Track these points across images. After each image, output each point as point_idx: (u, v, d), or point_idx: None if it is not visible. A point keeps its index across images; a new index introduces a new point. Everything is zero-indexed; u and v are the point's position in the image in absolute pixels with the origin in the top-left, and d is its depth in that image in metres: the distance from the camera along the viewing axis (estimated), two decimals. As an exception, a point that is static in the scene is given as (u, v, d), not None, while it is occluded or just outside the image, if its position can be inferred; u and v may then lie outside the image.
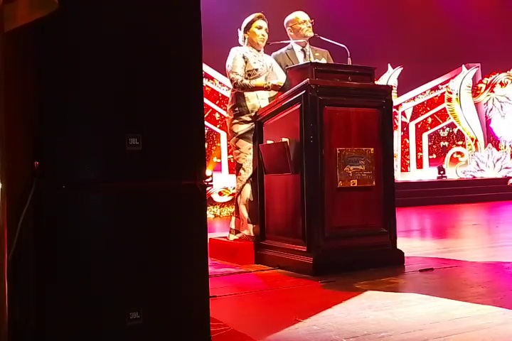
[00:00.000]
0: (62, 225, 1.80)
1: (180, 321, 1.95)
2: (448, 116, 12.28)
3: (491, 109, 12.25)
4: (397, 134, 11.81)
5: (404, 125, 12.11)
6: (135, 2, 1.95)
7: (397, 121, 11.86)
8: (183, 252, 1.98)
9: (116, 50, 1.90)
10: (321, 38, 4.46)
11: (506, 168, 11.57)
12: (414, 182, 11.09)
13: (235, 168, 4.38)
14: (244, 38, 4.35)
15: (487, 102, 12.24)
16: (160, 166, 1.95)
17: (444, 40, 12.36)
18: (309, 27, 4.49)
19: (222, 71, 4.45)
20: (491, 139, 12.27)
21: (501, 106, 12.16)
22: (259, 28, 4.31)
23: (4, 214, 1.57)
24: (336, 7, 11.87)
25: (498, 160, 11.73)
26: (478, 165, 11.81)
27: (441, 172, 11.53)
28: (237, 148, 4.26)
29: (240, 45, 4.39)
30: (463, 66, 12.05)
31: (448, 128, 12.55)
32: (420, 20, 12.57)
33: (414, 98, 12.19)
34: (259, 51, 4.36)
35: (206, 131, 8.92)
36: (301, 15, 4.52)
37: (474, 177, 11.71)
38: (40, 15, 1.63)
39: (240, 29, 4.38)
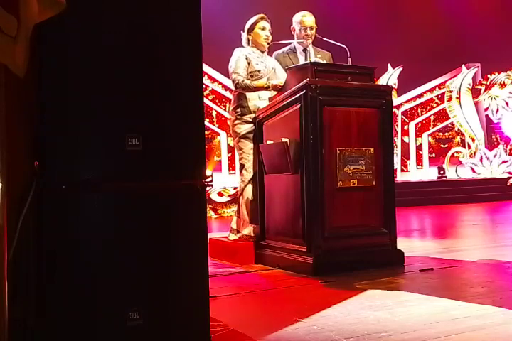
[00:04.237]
0: (62, 225, 1.80)
1: (180, 321, 1.95)
2: (448, 116, 12.27)
3: (487, 109, 12.25)
4: (398, 134, 11.81)
5: (405, 125, 12.10)
6: (135, 2, 1.95)
7: (397, 121, 11.85)
8: (183, 252, 1.98)
9: (116, 49, 1.90)
10: (322, 38, 4.46)
11: (509, 172, 11.53)
12: (414, 182, 11.09)
13: (239, 168, 4.41)
14: (248, 40, 4.36)
15: (484, 100, 12.23)
16: (160, 166, 1.95)
17: (444, 40, 12.37)
18: (310, 35, 4.47)
19: (223, 71, 4.46)
20: (503, 140, 12.27)
21: (497, 110, 12.15)
22: (263, 28, 4.32)
23: (4, 214, 1.57)
24: (336, 7, 11.87)
25: (504, 162, 11.69)
26: (481, 160, 11.75)
27: (441, 172, 11.53)
28: (240, 149, 4.28)
29: (243, 47, 4.40)
30: (463, 66, 12.05)
31: (448, 128, 12.55)
32: (420, 20, 12.58)
33: (414, 98, 12.19)
34: (263, 52, 4.38)
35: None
36: (306, 20, 4.50)
37: (474, 171, 11.67)
38: (49, 15, 1.63)
39: (244, 31, 4.39)
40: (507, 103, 12.14)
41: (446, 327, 2.33)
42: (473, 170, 11.73)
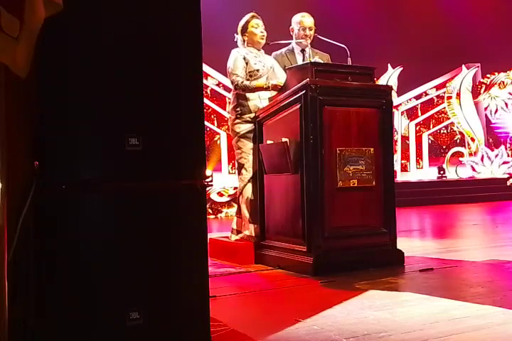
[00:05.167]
0: (62, 225, 1.81)
1: (180, 321, 1.95)
2: (448, 116, 12.27)
3: (486, 109, 12.25)
4: (398, 134, 11.81)
5: (405, 125, 12.10)
6: (135, 2, 1.95)
7: (398, 121, 11.85)
8: (183, 252, 1.98)
9: (116, 49, 1.90)
10: (321, 38, 4.47)
11: (509, 174, 11.51)
12: (414, 182, 11.09)
13: (237, 168, 4.39)
14: (244, 40, 4.35)
15: (484, 99, 12.23)
16: (160, 166, 1.96)
17: (444, 40, 12.36)
18: (308, 35, 4.48)
19: (223, 71, 4.45)
20: (502, 140, 12.27)
21: (496, 110, 12.15)
22: (256, 26, 4.31)
23: (4, 214, 1.57)
24: (336, 7, 11.87)
25: (505, 163, 11.67)
26: (482, 159, 11.73)
27: (441, 172, 11.53)
28: (239, 148, 4.26)
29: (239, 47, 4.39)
30: (463, 66, 12.04)
31: (448, 128, 12.54)
32: (420, 20, 12.57)
33: (414, 98, 12.19)
34: (259, 51, 4.37)
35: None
36: (305, 21, 4.51)
37: (474, 169, 11.65)
38: (46, 15, 1.63)
39: (237, 33, 4.38)
40: (506, 104, 12.14)
41: (446, 327, 2.33)
42: (474, 169, 11.71)
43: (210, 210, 8.39)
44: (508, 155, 11.88)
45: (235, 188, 8.48)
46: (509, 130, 12.25)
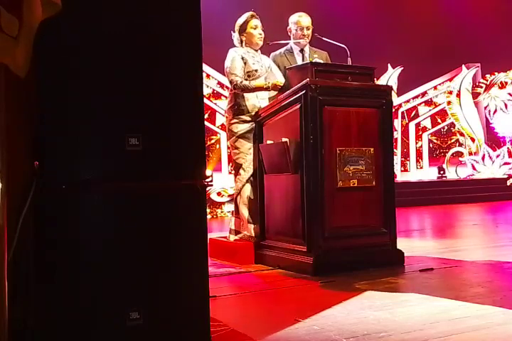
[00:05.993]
0: (62, 225, 1.81)
1: (181, 321, 1.95)
2: (448, 116, 12.27)
3: (485, 108, 12.24)
4: (398, 134, 11.81)
5: (404, 125, 12.10)
6: (135, 2, 1.95)
7: (397, 121, 11.85)
8: (183, 252, 1.98)
9: (116, 49, 1.90)
10: (321, 37, 4.47)
11: (509, 174, 11.50)
12: (414, 182, 11.08)
13: (234, 168, 4.38)
14: (242, 40, 4.33)
15: (484, 99, 12.22)
16: (160, 166, 1.96)
17: (444, 40, 12.37)
18: (306, 35, 4.48)
19: (223, 71, 4.44)
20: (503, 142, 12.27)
21: (495, 110, 12.14)
22: (255, 27, 4.29)
23: (4, 214, 1.57)
24: (336, 7, 11.87)
25: (506, 163, 11.66)
26: (483, 159, 11.71)
27: (441, 172, 11.52)
28: (237, 148, 4.25)
29: (236, 47, 4.37)
30: (463, 66, 12.04)
31: (448, 128, 12.54)
32: (420, 20, 12.58)
33: (414, 98, 12.19)
34: (256, 51, 4.36)
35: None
36: (302, 20, 4.50)
37: (474, 167, 11.64)
38: (45, 16, 1.63)
39: (234, 31, 4.36)
40: (506, 105, 12.13)
41: (446, 327, 2.33)
42: (474, 168, 11.69)
43: (209, 210, 8.39)
44: (509, 152, 11.85)
45: (236, 188, 8.48)
46: (505, 130, 12.23)
